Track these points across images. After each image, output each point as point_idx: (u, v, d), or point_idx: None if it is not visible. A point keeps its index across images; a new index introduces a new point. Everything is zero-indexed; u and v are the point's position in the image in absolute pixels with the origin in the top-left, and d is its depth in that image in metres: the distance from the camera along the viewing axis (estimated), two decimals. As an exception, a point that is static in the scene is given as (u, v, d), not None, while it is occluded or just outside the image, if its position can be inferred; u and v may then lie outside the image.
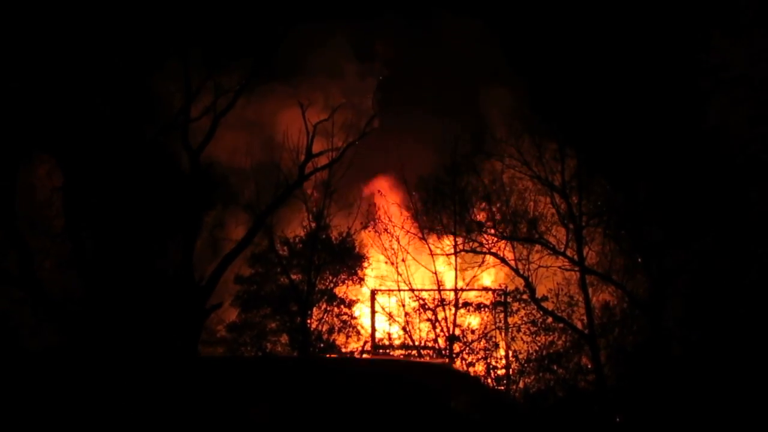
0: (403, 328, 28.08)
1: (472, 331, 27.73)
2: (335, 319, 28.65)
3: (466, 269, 28.33)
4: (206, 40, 27.57)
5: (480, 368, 27.23)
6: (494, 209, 28.40)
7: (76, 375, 20.77)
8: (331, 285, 28.71)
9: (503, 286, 28.70)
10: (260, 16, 28.62)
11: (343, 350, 28.38)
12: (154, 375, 22.61)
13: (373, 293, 29.22)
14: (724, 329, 25.81)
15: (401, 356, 27.86)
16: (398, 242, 28.30)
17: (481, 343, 27.61)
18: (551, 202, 28.13)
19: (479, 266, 28.25)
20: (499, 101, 30.38)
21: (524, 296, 27.89)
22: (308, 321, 27.98)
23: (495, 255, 28.19)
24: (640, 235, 27.50)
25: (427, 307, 27.90)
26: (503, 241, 28.20)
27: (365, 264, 29.28)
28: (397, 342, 28.36)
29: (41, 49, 25.95)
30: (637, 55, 27.83)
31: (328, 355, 27.61)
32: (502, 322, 28.03)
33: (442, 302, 27.83)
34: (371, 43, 31.56)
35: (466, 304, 27.95)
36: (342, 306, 28.82)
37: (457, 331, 27.54)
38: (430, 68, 31.58)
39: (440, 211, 28.29)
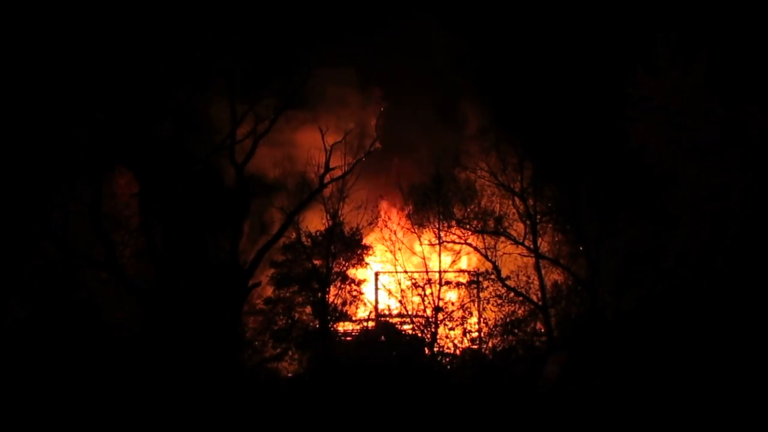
0: (400, 301, 30.75)
1: (452, 303, 30.51)
2: (347, 294, 31.18)
3: (447, 255, 31.02)
4: (248, 77, 31.74)
5: (458, 332, 30.03)
6: (468, 209, 31.15)
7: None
8: (344, 268, 31.29)
9: (476, 269, 31.53)
10: (289, 57, 32.81)
11: (354, 318, 31.16)
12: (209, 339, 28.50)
13: (377, 274, 32.02)
14: (646, 301, 29.46)
15: (398, 323, 30.85)
16: (396, 235, 31.10)
17: (459, 312, 30.39)
18: (512, 203, 31.20)
19: (457, 253, 31.12)
20: (471, 122, 34.17)
21: (492, 276, 30.78)
22: (327, 296, 30.67)
23: (469, 245, 31.22)
24: (581, 229, 30.81)
25: (417, 285, 30.62)
26: (476, 234, 31.06)
27: (370, 252, 31.93)
28: (395, 312, 31.04)
29: (122, 86, 30.66)
30: (580, 86, 31.94)
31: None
32: (475, 296, 30.65)
33: (429, 281, 30.62)
34: (373, 78, 34.90)
35: (447, 283, 30.69)
36: (352, 284, 31.40)
37: (441, 303, 30.29)
38: (419, 95, 34.97)
39: (428, 211, 31.05)
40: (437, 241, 30.99)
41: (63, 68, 29.32)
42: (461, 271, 31.28)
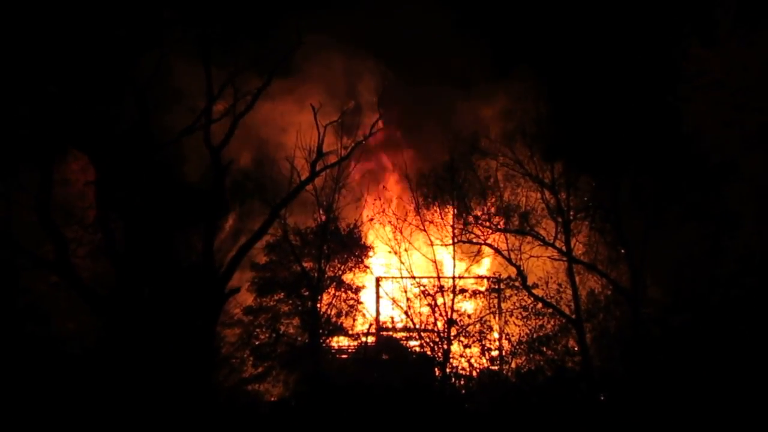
0: (405, 313, 29.85)
1: (468, 316, 29.64)
2: (343, 303, 30.52)
3: (463, 259, 30.14)
4: (226, 44, 30.66)
5: (475, 350, 29.16)
6: (489, 204, 30.33)
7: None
8: (340, 272, 30.57)
9: (497, 274, 30.52)
10: (275, 20, 31.99)
11: (350, 332, 30.40)
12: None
13: (378, 280, 31.13)
14: (701, 315, 28.40)
15: (403, 338, 30.21)
16: (401, 233, 29.98)
17: (477, 326, 29.49)
18: (541, 197, 30.18)
19: (475, 256, 30.17)
20: (492, 100, 33.03)
21: (516, 283, 29.82)
22: (318, 305, 29.93)
23: (489, 246, 30.19)
24: (622, 228, 29.80)
25: (427, 293, 29.66)
26: (497, 233, 30.17)
27: (371, 253, 31.24)
28: (399, 325, 30.16)
29: (76, 54, 29.27)
30: (622, 61, 30.74)
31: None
32: (496, 307, 29.78)
33: (441, 289, 29.56)
34: (374, 47, 34.51)
35: (463, 291, 29.77)
36: (349, 292, 30.67)
37: (455, 316, 29.38)
38: (430, 68, 34.49)
39: (440, 205, 30.22)
40: (451, 241, 30.09)
41: (3, 28, 28.31)
42: (479, 277, 30.67)
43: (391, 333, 30.65)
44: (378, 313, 31.25)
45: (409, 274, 30.11)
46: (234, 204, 31.87)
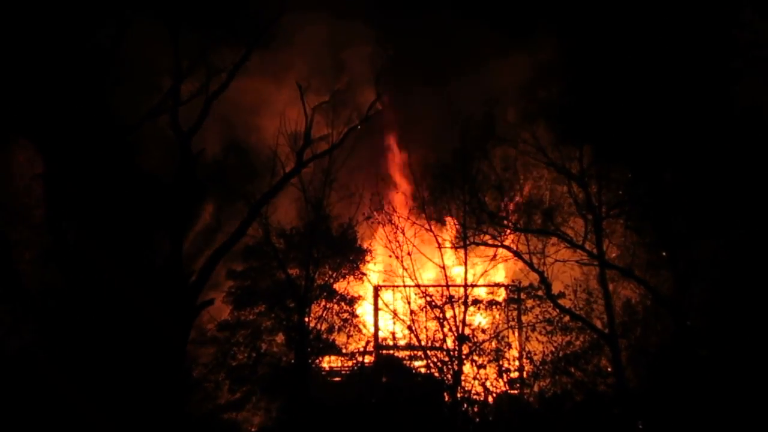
0: (409, 327, 28.98)
1: (483, 331, 28.72)
2: (335, 317, 29.88)
3: (476, 264, 29.15)
4: (198, 13, 29.63)
5: (491, 370, 28.21)
6: (507, 199, 29.49)
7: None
8: (331, 280, 29.97)
9: (516, 282, 29.70)
10: None
11: (344, 351, 29.68)
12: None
13: (377, 289, 30.45)
14: (758, 331, 27.03)
15: (406, 357, 29.32)
16: (403, 234, 28.98)
17: (493, 343, 28.58)
18: (568, 191, 29.30)
19: (491, 260, 29.17)
20: (511, 81, 31.58)
21: (539, 293, 28.94)
22: (306, 319, 29.25)
23: (507, 248, 29.28)
24: (664, 227, 28.66)
25: (434, 304, 28.81)
26: (516, 233, 29.33)
27: (368, 258, 30.43)
28: (401, 342, 29.31)
29: (20, 26, 28.03)
30: (662, 30, 29.32)
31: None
32: (515, 320, 29.02)
33: (451, 299, 28.75)
34: (371, 17, 33.69)
35: (476, 302, 28.92)
36: (343, 303, 30.00)
37: (467, 331, 28.48)
38: (435, 45, 33.48)
39: (449, 200, 29.36)
40: (462, 243, 29.16)
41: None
42: (496, 285, 29.79)
43: (392, 351, 29.97)
44: (377, 328, 30.72)
45: (414, 282, 29.24)
46: (206, 200, 31.06)
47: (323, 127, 30.52)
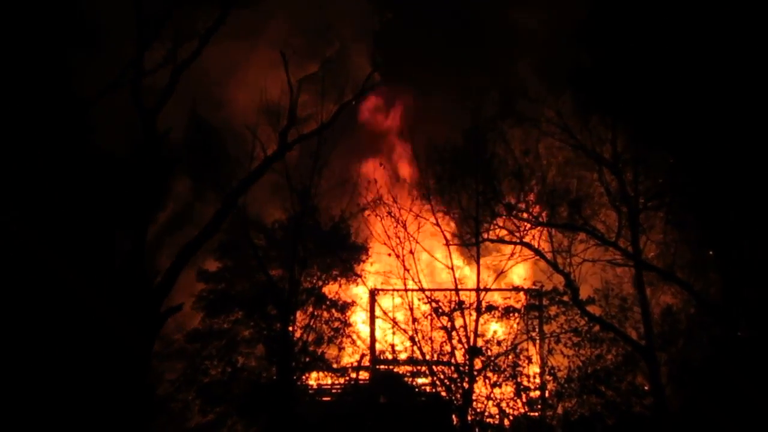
0: (411, 339, 28.28)
1: (498, 342, 27.88)
2: (325, 326, 29.35)
3: (491, 264, 28.85)
4: None
5: (508, 389, 27.47)
6: (527, 187, 28.86)
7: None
8: (320, 283, 29.45)
9: (538, 285, 29.01)
10: None
11: (335, 366, 29.20)
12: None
13: (373, 294, 29.90)
14: None
15: (408, 373, 28.70)
16: (405, 229, 28.29)
17: (510, 357, 27.79)
18: (599, 178, 28.61)
19: (508, 260, 28.60)
20: (533, 47, 31.33)
21: (564, 298, 28.15)
22: (290, 328, 28.78)
23: (528, 246, 28.59)
24: (712, 222, 28.00)
25: (441, 311, 28.09)
26: (538, 228, 28.59)
27: (363, 257, 29.91)
28: (403, 356, 28.51)
29: None
30: None
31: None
32: (536, 330, 28.39)
33: (461, 305, 28.03)
34: None
35: (490, 308, 28.11)
36: (333, 310, 29.47)
37: (479, 342, 27.79)
38: (441, 7, 32.79)
39: (459, 189, 28.63)
40: (474, 240, 28.50)
41: None
42: (514, 289, 28.75)
43: (391, 367, 29.63)
44: (373, 339, 30.16)
45: (417, 286, 28.58)
46: (174, 188, 30.62)
47: (311, 103, 29.97)
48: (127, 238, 28.46)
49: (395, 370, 29.36)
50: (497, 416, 28.06)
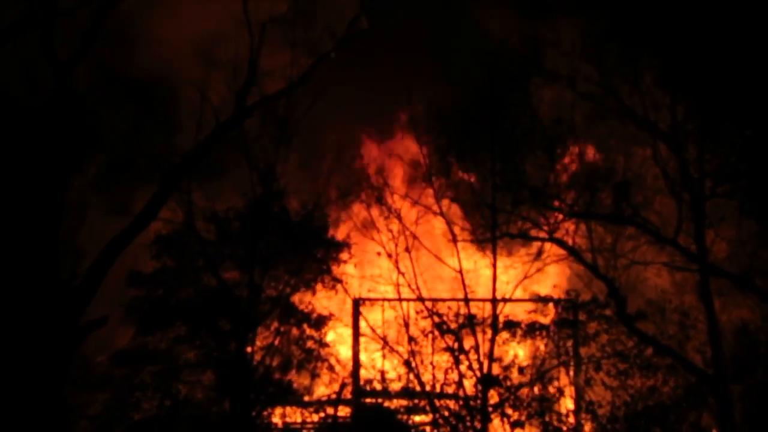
0: (406, 363, 26.85)
1: (521, 369, 26.53)
2: (294, 346, 28.10)
3: (511, 266, 27.17)
4: None
5: (533, 431, 26.19)
6: (559, 167, 27.48)
7: None
8: (289, 290, 28.13)
9: (572, 295, 27.56)
10: None
11: (306, 398, 27.83)
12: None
13: (358, 304, 28.61)
14: None
15: (401, 408, 26.94)
16: (400, 220, 27.04)
17: (535, 388, 26.49)
18: (653, 156, 26.97)
19: (534, 261, 27.10)
20: None
21: (607, 311, 26.83)
22: (249, 349, 27.54)
23: (559, 242, 27.36)
24: None
25: (446, 327, 26.79)
26: (573, 220, 27.32)
27: (345, 256, 28.68)
28: (395, 385, 26.94)
29: None
30: None
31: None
32: (570, 354, 26.96)
33: (472, 320, 26.66)
34: None
35: (510, 324, 26.80)
36: (305, 325, 28.23)
37: (496, 369, 26.41)
38: None
39: (470, 168, 27.55)
40: (489, 235, 26.97)
41: None
42: (540, 299, 27.33)
43: (380, 400, 27.79)
44: (357, 363, 28.38)
45: (414, 294, 27.03)
46: (96, 165, 28.44)
47: (278, 55, 28.26)
48: (34, 230, 26.58)
49: (385, 404, 27.60)
50: (518, 466, 28.06)
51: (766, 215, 27.26)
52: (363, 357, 28.50)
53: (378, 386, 27.60)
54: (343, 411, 28.30)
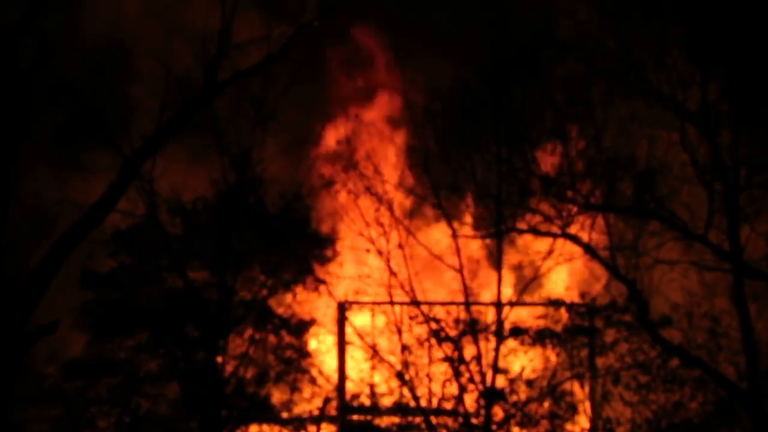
0: (399, 375, 26.13)
1: (529, 382, 25.85)
2: (271, 356, 27.15)
3: (518, 264, 26.81)
4: None
5: None
6: (574, 153, 26.26)
7: None
8: (265, 292, 27.10)
9: (588, 299, 26.63)
10: None
11: (285, 415, 26.76)
12: None
13: (344, 308, 27.58)
14: None
15: (394, 428, 26.28)
16: (392, 213, 26.23)
17: (546, 404, 25.75)
18: (681, 141, 25.70)
19: (544, 260, 26.26)
20: None
21: (627, 317, 25.96)
22: (220, 359, 26.58)
23: (573, 239, 26.29)
24: None
25: (444, 335, 26.04)
26: (589, 214, 26.16)
27: (330, 253, 27.71)
28: (386, 400, 26.27)
29: None
30: None
31: None
32: (585, 365, 26.19)
33: (473, 326, 25.98)
34: None
35: (517, 331, 26.04)
36: (284, 332, 27.26)
37: (501, 382, 25.70)
38: None
39: (472, 154, 26.22)
40: (494, 230, 26.28)
41: None
42: (552, 303, 26.46)
43: (369, 417, 27.01)
44: (343, 376, 27.43)
45: (408, 297, 26.26)
46: (44, 148, 27.08)
47: (253, 25, 26.96)
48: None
49: (375, 422, 26.80)
50: (528, 494, 28.82)
51: (809, 212, 26.14)
52: (350, 368, 27.57)
53: (366, 401, 26.90)
54: (327, 430, 27.40)
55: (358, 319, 27.56)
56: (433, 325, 25.99)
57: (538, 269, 26.53)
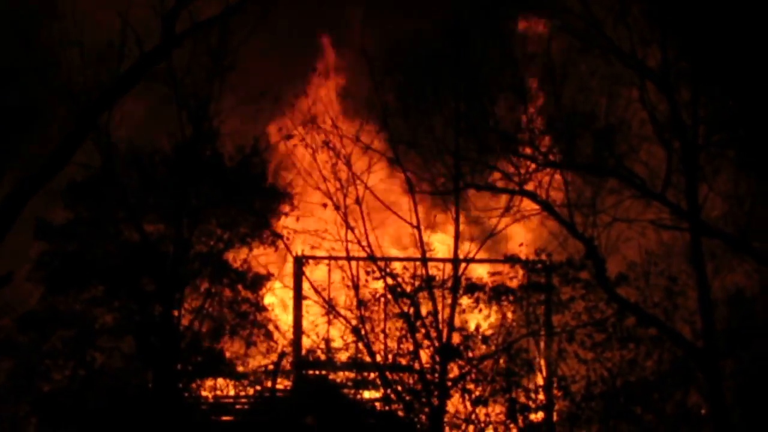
0: (355, 330, 26.61)
1: (485, 339, 26.30)
2: (227, 310, 27.70)
3: (475, 221, 27.22)
4: None
5: (497, 409, 25.97)
6: (533, 109, 26.80)
7: None
8: (221, 246, 27.73)
9: (544, 256, 27.02)
10: None
11: (241, 369, 27.39)
12: None
13: (300, 263, 28.36)
14: None
15: (348, 381, 27.01)
16: (350, 168, 26.66)
17: (501, 361, 26.25)
18: (640, 98, 26.25)
19: (501, 216, 26.62)
20: None
21: (583, 274, 26.38)
22: (175, 313, 27.07)
23: (531, 196, 26.68)
24: None
25: (401, 290, 26.46)
26: (547, 171, 26.61)
27: (286, 207, 28.10)
28: (342, 355, 26.92)
29: None
30: None
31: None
32: (541, 322, 26.62)
33: (430, 282, 26.50)
34: None
35: (473, 288, 26.43)
36: (240, 286, 27.96)
37: (457, 338, 26.25)
38: None
39: (431, 109, 26.81)
40: (452, 186, 26.82)
41: None
42: (508, 260, 26.96)
43: (325, 372, 27.79)
44: (299, 331, 28.20)
45: (365, 252, 26.86)
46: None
47: None
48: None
49: (331, 377, 27.66)
50: (480, 446, 28.35)
51: (767, 168, 27.12)
52: (305, 323, 28.11)
53: (322, 356, 27.51)
54: (282, 384, 27.98)
55: (315, 273, 27.89)
56: (390, 281, 26.48)
57: (495, 226, 26.83)
